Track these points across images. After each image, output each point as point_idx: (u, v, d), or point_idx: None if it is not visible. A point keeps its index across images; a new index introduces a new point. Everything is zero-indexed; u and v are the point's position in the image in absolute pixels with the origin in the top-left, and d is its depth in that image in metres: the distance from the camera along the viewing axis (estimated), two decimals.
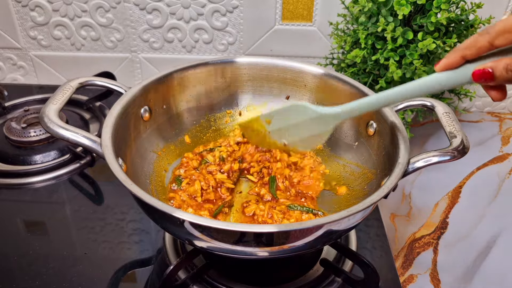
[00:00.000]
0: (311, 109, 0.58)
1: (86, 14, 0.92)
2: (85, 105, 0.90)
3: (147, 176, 0.61)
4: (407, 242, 0.67)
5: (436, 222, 0.70)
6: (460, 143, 0.52)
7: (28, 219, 0.67)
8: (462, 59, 0.44)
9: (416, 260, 0.64)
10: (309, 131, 0.60)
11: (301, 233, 0.45)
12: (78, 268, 0.59)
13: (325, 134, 0.59)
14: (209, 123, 0.72)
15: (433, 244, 0.66)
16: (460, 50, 0.44)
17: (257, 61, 0.70)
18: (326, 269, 0.59)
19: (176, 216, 0.43)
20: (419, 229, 0.69)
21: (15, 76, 1.02)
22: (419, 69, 0.71)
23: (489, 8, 0.82)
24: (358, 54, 0.75)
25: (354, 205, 0.45)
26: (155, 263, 0.60)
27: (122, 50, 0.96)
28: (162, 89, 0.65)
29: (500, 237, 0.67)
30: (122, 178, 0.47)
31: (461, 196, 0.75)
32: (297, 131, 0.61)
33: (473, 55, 0.43)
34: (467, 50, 0.43)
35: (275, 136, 0.62)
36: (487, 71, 0.42)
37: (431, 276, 0.62)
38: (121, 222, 0.66)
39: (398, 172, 0.49)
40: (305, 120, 0.59)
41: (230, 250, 0.46)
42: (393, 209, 0.73)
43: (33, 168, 0.74)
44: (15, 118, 0.82)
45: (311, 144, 0.62)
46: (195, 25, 0.91)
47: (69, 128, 0.52)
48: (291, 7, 0.89)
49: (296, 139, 0.61)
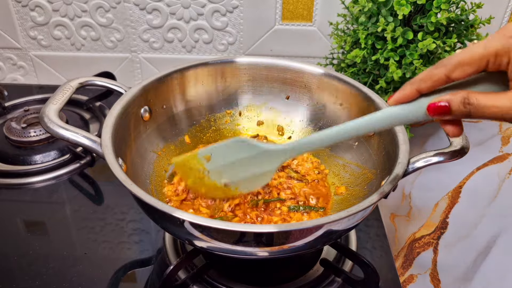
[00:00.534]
0: (254, 146, 0.54)
1: (86, 14, 0.92)
2: (85, 105, 0.90)
3: (147, 176, 0.61)
4: (407, 242, 0.67)
5: (436, 222, 0.70)
6: (460, 143, 0.52)
7: (28, 219, 0.67)
8: (417, 92, 0.41)
9: (416, 260, 0.64)
10: (252, 169, 0.55)
11: (301, 233, 0.45)
12: (78, 268, 0.59)
13: (270, 173, 0.55)
14: (209, 123, 0.72)
15: (433, 244, 0.66)
16: (415, 83, 0.41)
17: (257, 61, 0.70)
18: (326, 269, 0.59)
19: (176, 216, 0.43)
20: (419, 229, 0.69)
21: (15, 76, 1.02)
22: (419, 69, 0.71)
23: (489, 8, 0.82)
24: (358, 54, 0.75)
25: (354, 205, 0.45)
26: (155, 263, 0.60)
27: (122, 50, 0.96)
28: (162, 89, 0.65)
29: (500, 237, 0.67)
30: (122, 178, 0.47)
31: (461, 196, 0.75)
32: (239, 170, 0.55)
33: (428, 88, 0.41)
34: (422, 83, 0.41)
35: (214, 175, 0.56)
36: (443, 105, 0.40)
37: (431, 276, 0.62)
38: (121, 222, 0.66)
39: (398, 172, 0.49)
40: (247, 157, 0.54)
41: (230, 250, 0.46)
42: (393, 209, 0.73)
43: (33, 168, 0.74)
44: (15, 118, 0.82)
45: (254, 184, 0.57)
46: (195, 25, 0.92)
47: (69, 128, 0.52)
48: (291, 7, 0.89)
49: (238, 179, 0.56)
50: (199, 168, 0.56)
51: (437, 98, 0.40)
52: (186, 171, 0.58)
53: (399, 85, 0.77)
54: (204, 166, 0.56)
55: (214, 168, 0.56)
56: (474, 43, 0.39)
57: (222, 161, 0.55)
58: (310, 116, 0.71)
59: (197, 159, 0.56)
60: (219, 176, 0.56)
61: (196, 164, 0.56)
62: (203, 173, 0.57)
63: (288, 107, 0.72)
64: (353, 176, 0.64)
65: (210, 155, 0.56)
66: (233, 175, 0.56)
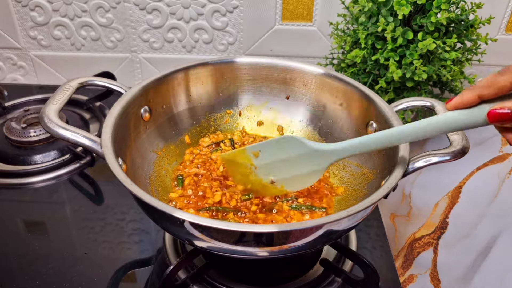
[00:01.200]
0: (304, 144, 0.53)
1: (86, 14, 0.92)
2: (85, 105, 0.90)
3: (147, 176, 0.61)
4: (407, 242, 0.67)
5: (436, 222, 0.70)
6: (460, 143, 0.52)
7: (28, 219, 0.67)
8: (478, 98, 0.41)
9: (416, 260, 0.64)
10: (300, 169, 0.55)
11: (301, 233, 0.45)
12: (78, 268, 0.59)
13: (318, 173, 0.54)
14: (209, 123, 0.72)
15: (433, 244, 0.66)
16: (476, 89, 0.41)
17: (257, 61, 0.70)
18: (326, 269, 0.59)
19: (176, 216, 0.43)
20: (419, 229, 0.69)
21: (15, 76, 1.02)
22: (419, 69, 0.71)
23: (489, 8, 0.82)
24: (358, 54, 0.75)
25: (354, 205, 0.45)
26: (155, 263, 0.60)
27: (122, 50, 0.96)
28: (162, 89, 0.65)
29: (500, 237, 0.67)
30: (122, 178, 0.47)
31: (461, 196, 0.75)
32: (286, 168, 0.55)
33: (491, 95, 0.40)
34: (484, 89, 0.40)
35: (261, 172, 0.57)
36: (506, 112, 0.39)
37: (431, 276, 0.62)
38: (121, 222, 0.66)
39: (398, 172, 0.49)
40: (296, 155, 0.54)
41: (230, 250, 0.46)
42: (393, 209, 0.73)
43: (33, 168, 0.74)
44: (15, 118, 0.82)
45: (300, 183, 0.57)
46: (195, 25, 0.92)
47: (69, 128, 0.52)
48: (291, 7, 0.89)
49: (284, 177, 0.56)
50: (247, 164, 0.57)
51: (499, 105, 0.40)
52: (234, 166, 0.59)
53: (399, 85, 0.77)
54: (252, 162, 0.57)
55: (262, 164, 0.56)
56: None
57: (270, 158, 0.56)
58: (310, 116, 0.70)
59: (246, 155, 0.57)
60: (266, 173, 0.57)
61: (244, 160, 0.57)
62: (250, 169, 0.57)
63: (288, 107, 0.72)
64: (353, 176, 0.64)
65: (258, 152, 0.56)
66: (280, 172, 0.56)
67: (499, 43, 0.83)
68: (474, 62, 0.83)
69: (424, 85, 0.78)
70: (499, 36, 0.89)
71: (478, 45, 0.76)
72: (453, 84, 0.80)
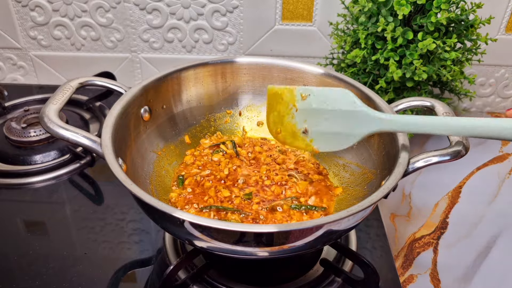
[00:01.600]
0: (355, 102, 0.52)
1: (86, 14, 0.92)
2: (85, 105, 0.90)
3: (147, 176, 0.61)
4: (407, 242, 0.67)
5: (436, 222, 0.70)
6: (460, 143, 0.52)
7: (28, 219, 0.67)
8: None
9: (416, 260, 0.64)
10: (339, 126, 0.53)
11: (301, 233, 0.45)
12: (78, 268, 0.59)
13: (353, 139, 0.53)
14: (209, 123, 0.72)
15: (433, 244, 0.66)
16: None
17: (257, 61, 0.70)
18: (326, 269, 0.59)
19: (176, 216, 0.43)
20: (419, 229, 0.69)
21: (15, 76, 1.02)
22: (419, 69, 0.71)
23: (489, 8, 0.82)
24: (358, 54, 0.75)
25: (354, 205, 0.45)
26: (155, 263, 0.60)
27: (122, 50, 0.96)
28: (162, 89, 0.65)
29: (500, 237, 0.67)
30: (122, 178, 0.47)
31: (461, 196, 0.75)
32: (326, 121, 0.54)
33: None
34: None
35: (299, 116, 0.55)
36: None
37: (431, 276, 0.62)
38: (121, 222, 0.66)
39: (398, 172, 0.49)
40: (343, 112, 0.52)
41: (230, 250, 0.46)
42: (393, 209, 0.73)
43: (33, 168, 0.74)
44: (15, 118, 0.82)
45: (331, 143, 0.55)
46: (195, 25, 0.92)
47: (69, 128, 0.52)
48: (291, 7, 0.89)
49: (320, 129, 0.54)
50: (289, 103, 0.56)
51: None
52: (275, 102, 0.57)
53: (399, 85, 0.77)
54: (296, 103, 0.55)
55: (304, 108, 0.55)
56: None
57: (317, 104, 0.54)
58: None
59: (293, 94, 0.56)
60: (303, 118, 0.55)
61: (289, 97, 0.56)
62: (290, 110, 0.56)
63: None
64: (353, 176, 0.64)
65: (307, 95, 0.55)
66: (317, 124, 0.55)
67: (499, 43, 0.83)
68: (474, 62, 0.83)
69: (424, 85, 0.78)
70: (499, 36, 0.89)
71: (478, 45, 0.76)
72: (453, 84, 0.80)
